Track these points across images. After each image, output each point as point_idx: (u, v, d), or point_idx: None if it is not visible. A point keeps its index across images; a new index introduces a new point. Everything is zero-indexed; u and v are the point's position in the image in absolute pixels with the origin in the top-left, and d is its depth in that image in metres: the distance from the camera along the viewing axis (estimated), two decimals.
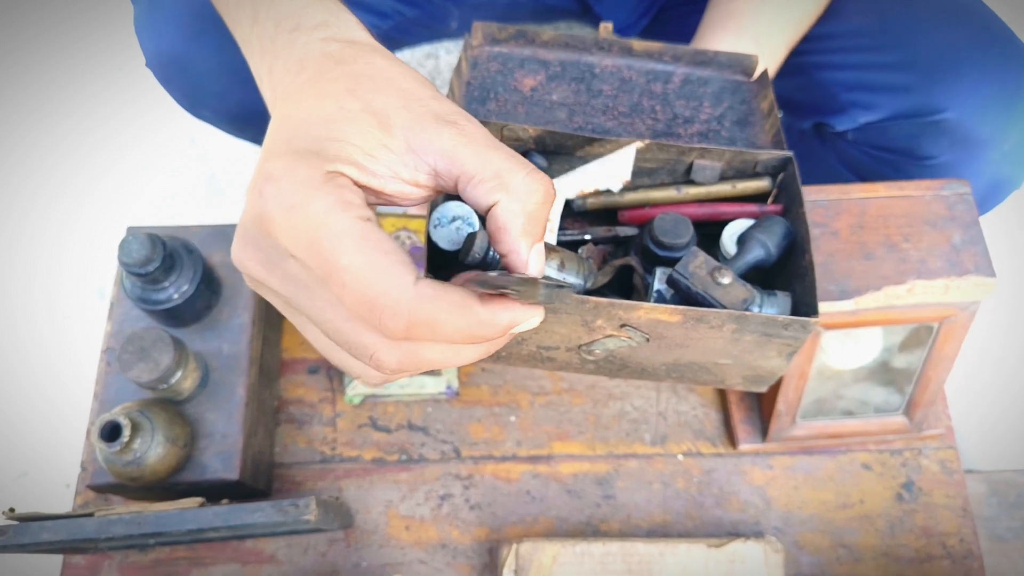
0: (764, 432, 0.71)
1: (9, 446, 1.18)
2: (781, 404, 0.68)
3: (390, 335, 0.32)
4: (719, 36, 0.69)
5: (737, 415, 0.73)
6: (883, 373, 0.69)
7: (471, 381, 0.74)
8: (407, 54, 1.33)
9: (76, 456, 1.08)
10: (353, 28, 0.41)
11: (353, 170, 0.34)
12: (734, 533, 0.70)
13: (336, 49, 0.39)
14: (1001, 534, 0.94)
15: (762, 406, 0.72)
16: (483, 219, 0.54)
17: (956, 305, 0.62)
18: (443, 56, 1.33)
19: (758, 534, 0.69)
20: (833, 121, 0.76)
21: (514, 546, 0.64)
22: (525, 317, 0.34)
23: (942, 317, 0.63)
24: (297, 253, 0.33)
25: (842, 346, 0.67)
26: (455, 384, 0.73)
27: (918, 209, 0.64)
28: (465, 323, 0.32)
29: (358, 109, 0.35)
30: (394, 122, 0.35)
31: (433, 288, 0.32)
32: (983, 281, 0.61)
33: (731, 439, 0.73)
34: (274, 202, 0.32)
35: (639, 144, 0.53)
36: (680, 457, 0.72)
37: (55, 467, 1.16)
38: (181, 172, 1.35)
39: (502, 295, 0.34)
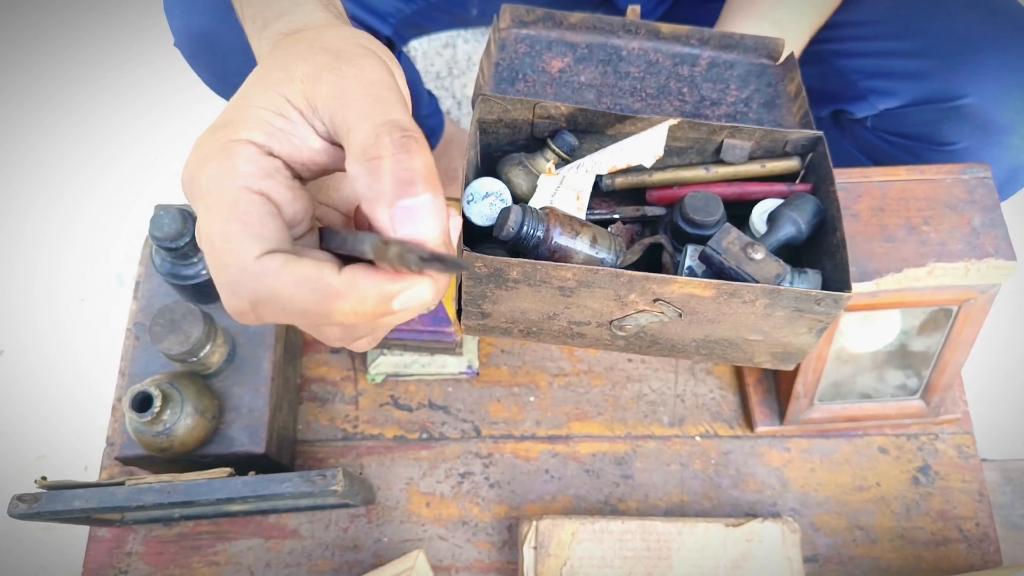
0: (781, 415, 0.72)
1: (28, 429, 1.20)
2: (799, 387, 0.69)
3: (235, 315, 0.29)
4: (741, 21, 0.70)
5: (754, 397, 0.73)
6: (901, 357, 0.69)
7: (491, 361, 0.75)
8: (425, 43, 1.34)
9: (94, 438, 1.09)
10: (311, 12, 0.39)
11: (260, 136, 0.31)
12: (751, 514, 0.70)
13: (284, 38, 0.38)
14: (1016, 522, 0.95)
15: (779, 389, 0.73)
16: (516, 199, 0.55)
17: (975, 288, 0.63)
18: (460, 46, 1.34)
19: (775, 515, 0.70)
20: (852, 108, 0.77)
21: (534, 523, 0.65)
22: (397, 288, 0.28)
23: (961, 300, 0.64)
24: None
25: (861, 329, 0.67)
26: (475, 364, 0.74)
27: (939, 192, 0.64)
28: (317, 298, 0.28)
29: (276, 76, 0.33)
30: (299, 82, 0.32)
31: (280, 261, 0.28)
32: (1003, 264, 0.62)
33: (748, 421, 0.73)
34: (184, 176, 0.31)
35: (672, 121, 0.54)
36: (697, 438, 0.73)
37: (73, 449, 1.17)
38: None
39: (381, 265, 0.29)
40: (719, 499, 0.71)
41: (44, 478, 0.55)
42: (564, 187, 0.55)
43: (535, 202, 0.55)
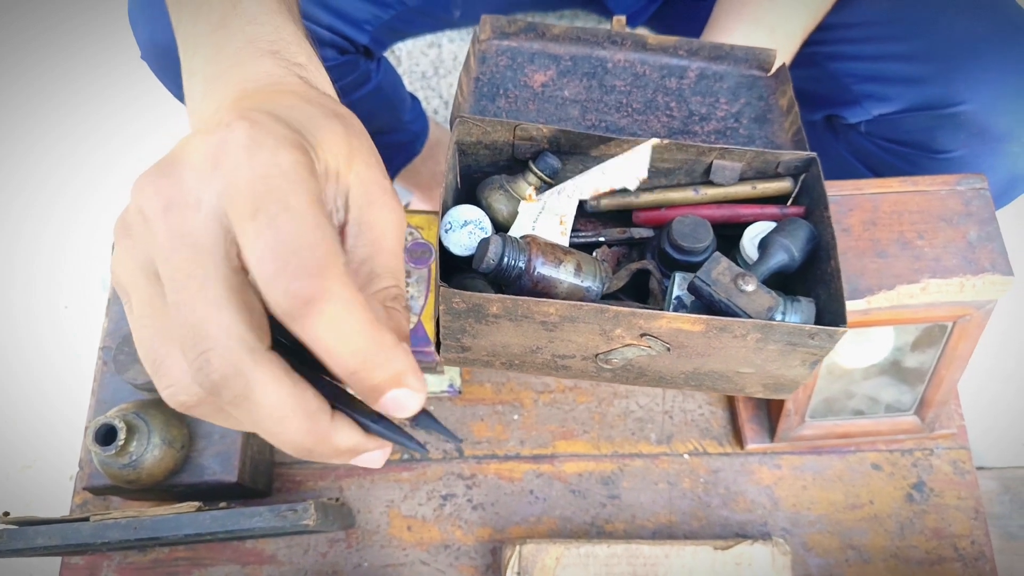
0: (772, 431, 0.70)
1: (15, 437, 1.18)
2: (790, 403, 0.67)
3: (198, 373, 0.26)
4: (732, 26, 0.67)
5: (744, 414, 0.71)
6: (894, 372, 0.67)
7: (474, 379, 0.73)
8: (409, 44, 1.31)
9: (80, 447, 1.08)
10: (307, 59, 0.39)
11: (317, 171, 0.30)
12: (741, 534, 0.69)
13: (292, 75, 0.36)
14: (1013, 532, 0.93)
15: (770, 405, 0.71)
16: (497, 224, 0.53)
17: (971, 304, 0.61)
18: (445, 45, 1.31)
19: (765, 535, 0.68)
20: (845, 113, 0.74)
21: (517, 547, 0.63)
22: (366, 447, 0.29)
23: (956, 316, 0.62)
24: (226, 196, 0.27)
25: (853, 345, 0.65)
26: (458, 382, 0.72)
27: (933, 205, 0.62)
28: (306, 426, 0.27)
29: (340, 128, 0.32)
30: (358, 161, 0.32)
31: (281, 366, 0.26)
32: (1000, 280, 0.59)
33: (738, 438, 0.72)
34: (240, 138, 0.27)
35: (655, 140, 0.52)
36: (686, 456, 0.71)
37: (61, 458, 1.15)
38: None
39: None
40: (708, 519, 0.69)
41: (7, 514, 0.54)
42: (546, 212, 0.53)
43: (516, 230, 0.52)
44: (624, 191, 0.54)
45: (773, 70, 0.60)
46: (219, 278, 0.26)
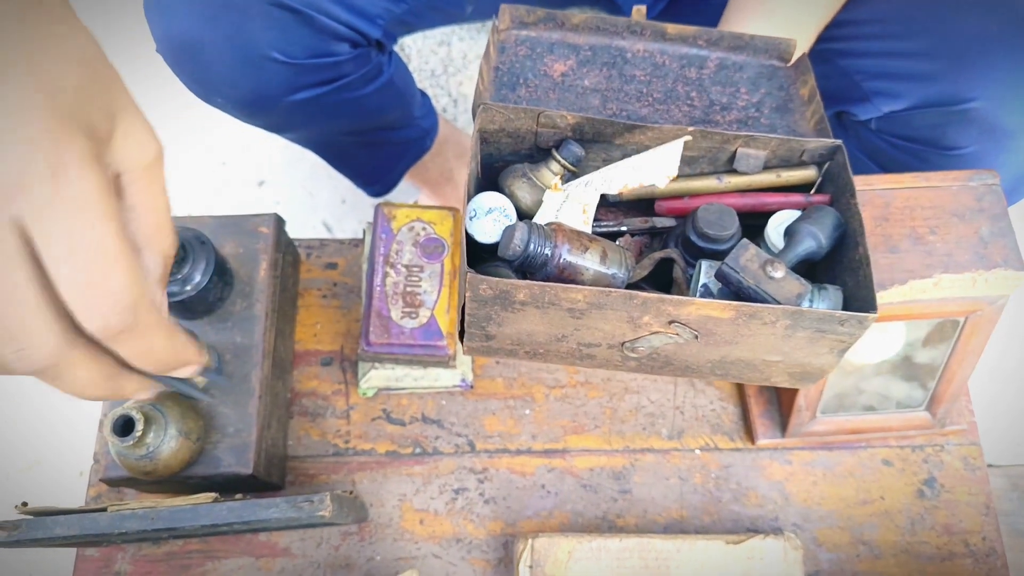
0: (783, 427, 0.70)
1: (22, 435, 1.18)
2: (801, 399, 0.67)
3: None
4: (747, 19, 0.67)
5: (755, 409, 0.72)
6: (905, 368, 0.67)
7: (485, 373, 0.73)
8: (420, 41, 1.31)
9: (89, 445, 1.08)
10: None
11: None
12: (752, 529, 0.69)
13: None
14: (1022, 529, 0.93)
15: (781, 401, 0.71)
16: (520, 213, 0.53)
17: (983, 299, 0.61)
18: (455, 44, 1.31)
19: (777, 530, 0.68)
20: (856, 110, 0.74)
21: (530, 541, 0.64)
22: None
23: (968, 311, 0.62)
24: (29, 217, 0.27)
25: (865, 340, 0.65)
26: (469, 377, 0.72)
27: (945, 200, 0.62)
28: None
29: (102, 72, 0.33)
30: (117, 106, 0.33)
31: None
32: (1012, 275, 0.60)
33: (749, 434, 0.72)
34: (42, 160, 0.27)
35: (687, 138, 0.52)
36: (697, 452, 0.71)
37: (68, 456, 1.16)
38: (190, 162, 1.34)
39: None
40: (719, 514, 0.69)
41: (25, 504, 0.54)
42: (570, 201, 0.53)
43: (540, 218, 0.52)
44: (651, 186, 0.54)
45: (793, 60, 0.60)
46: (27, 282, 0.28)
